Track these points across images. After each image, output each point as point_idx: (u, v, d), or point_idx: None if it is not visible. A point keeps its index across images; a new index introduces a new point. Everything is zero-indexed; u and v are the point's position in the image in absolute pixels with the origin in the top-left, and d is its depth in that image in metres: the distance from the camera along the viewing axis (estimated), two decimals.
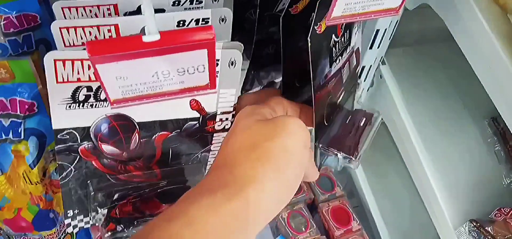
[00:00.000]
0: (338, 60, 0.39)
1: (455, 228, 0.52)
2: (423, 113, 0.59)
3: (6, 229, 0.41)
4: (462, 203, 0.54)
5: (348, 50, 0.41)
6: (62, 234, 0.44)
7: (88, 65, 0.29)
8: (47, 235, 0.43)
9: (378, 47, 0.57)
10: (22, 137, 0.33)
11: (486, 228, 0.48)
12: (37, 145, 0.34)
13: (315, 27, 0.33)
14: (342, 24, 0.37)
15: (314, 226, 0.66)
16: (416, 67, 0.63)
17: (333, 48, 0.37)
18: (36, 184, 0.36)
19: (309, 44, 0.32)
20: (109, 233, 0.36)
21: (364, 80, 0.62)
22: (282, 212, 0.67)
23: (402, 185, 0.73)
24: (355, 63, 0.45)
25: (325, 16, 0.33)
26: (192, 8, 0.32)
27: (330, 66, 0.38)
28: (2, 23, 0.36)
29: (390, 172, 0.74)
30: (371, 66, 0.60)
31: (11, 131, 0.33)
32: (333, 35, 0.36)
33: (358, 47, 0.43)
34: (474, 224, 0.48)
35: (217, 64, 0.31)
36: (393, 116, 0.62)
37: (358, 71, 0.46)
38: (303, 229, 0.66)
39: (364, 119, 0.45)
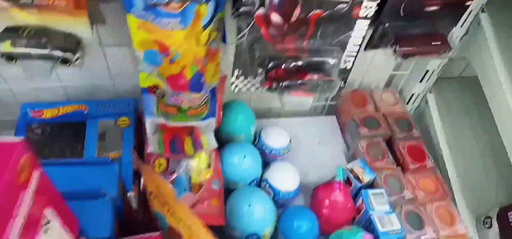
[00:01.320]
0: None
1: None
2: None
3: (164, 87, 0.49)
4: None
5: None
6: (202, 101, 0.53)
7: None
8: (194, 98, 0.51)
9: None
10: (205, 0, 0.42)
11: None
12: (213, 10, 0.42)
13: None
14: None
15: (390, 157, 0.72)
16: None
17: None
18: (203, 45, 0.44)
19: None
20: (266, 88, 0.46)
21: (461, 26, 0.66)
22: (361, 141, 0.73)
23: (478, 139, 0.76)
24: None
25: None
26: None
27: None
28: None
29: (467, 126, 0.77)
30: (471, 11, 0.63)
31: None
32: None
33: None
34: None
35: None
36: (486, 64, 0.65)
37: None
38: (380, 158, 0.72)
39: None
